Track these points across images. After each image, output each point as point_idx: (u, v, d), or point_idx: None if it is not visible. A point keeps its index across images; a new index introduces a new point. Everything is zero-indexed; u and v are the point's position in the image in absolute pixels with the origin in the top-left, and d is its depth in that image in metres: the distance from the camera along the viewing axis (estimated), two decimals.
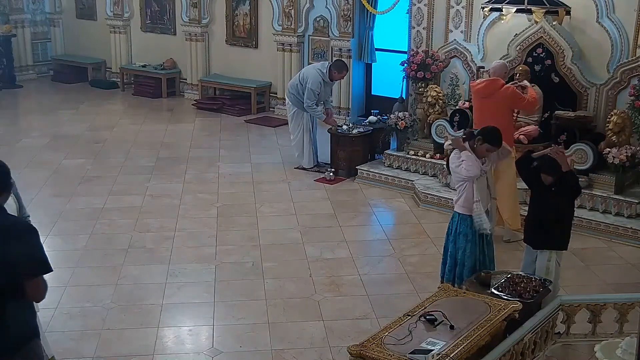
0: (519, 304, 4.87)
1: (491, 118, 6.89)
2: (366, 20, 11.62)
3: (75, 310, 6.06)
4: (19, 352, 3.65)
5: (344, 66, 9.66)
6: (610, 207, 7.77)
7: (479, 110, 7.61)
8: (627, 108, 8.05)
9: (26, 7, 15.39)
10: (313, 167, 9.74)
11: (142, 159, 10.21)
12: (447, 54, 9.30)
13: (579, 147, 7.98)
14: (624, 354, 4.42)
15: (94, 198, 8.68)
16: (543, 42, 8.44)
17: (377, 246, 7.55)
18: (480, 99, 7.56)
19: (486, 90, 7.48)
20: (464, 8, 9.28)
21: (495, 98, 7.39)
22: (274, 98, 12.95)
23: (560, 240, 5.68)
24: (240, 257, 7.10)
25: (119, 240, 7.47)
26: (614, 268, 7.04)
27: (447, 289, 5.14)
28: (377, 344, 4.35)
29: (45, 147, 10.76)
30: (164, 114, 13.06)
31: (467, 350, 4.32)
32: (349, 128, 9.68)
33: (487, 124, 6.36)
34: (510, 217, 7.40)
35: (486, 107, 7.42)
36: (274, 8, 12.58)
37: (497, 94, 7.39)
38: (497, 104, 7.37)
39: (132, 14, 14.65)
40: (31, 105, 13.79)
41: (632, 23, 8.20)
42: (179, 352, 5.52)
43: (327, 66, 9.54)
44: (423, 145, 9.27)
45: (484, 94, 7.48)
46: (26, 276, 3.57)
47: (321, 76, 9.45)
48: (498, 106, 7.35)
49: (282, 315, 6.01)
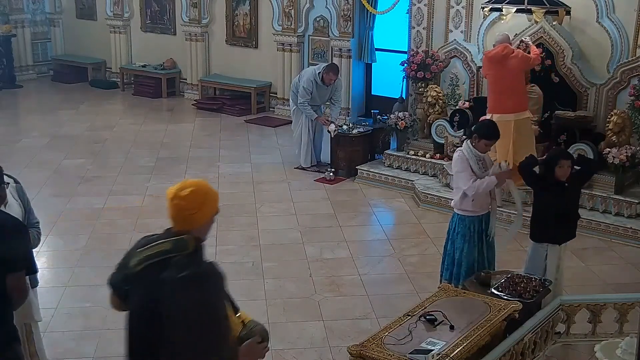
0: (519, 304, 4.86)
1: (509, 84, 7.60)
2: (366, 20, 11.62)
3: (75, 310, 6.06)
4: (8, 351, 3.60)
5: (331, 68, 9.58)
6: (610, 207, 7.77)
7: (495, 79, 7.80)
8: (627, 108, 8.05)
9: (26, 7, 15.39)
10: (311, 167, 9.75)
11: (142, 159, 10.21)
12: (447, 54, 9.30)
13: (579, 147, 7.97)
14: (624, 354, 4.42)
15: (94, 198, 8.68)
16: (543, 42, 8.44)
17: (377, 246, 7.55)
18: (496, 67, 7.78)
19: (501, 54, 7.75)
20: (464, 8, 9.28)
21: (509, 63, 7.70)
22: (274, 98, 12.95)
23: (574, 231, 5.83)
24: (240, 257, 7.10)
25: (119, 240, 7.46)
26: (614, 268, 7.03)
27: (447, 289, 5.13)
28: (377, 344, 4.35)
29: (45, 147, 10.76)
30: (164, 114, 13.06)
31: (467, 350, 4.32)
32: (349, 128, 9.69)
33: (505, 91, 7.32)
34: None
35: (502, 74, 7.72)
36: (274, 8, 12.58)
37: (510, 59, 7.72)
38: (512, 68, 7.71)
39: (132, 14, 14.65)
40: (31, 105, 13.78)
41: (632, 23, 8.21)
42: None
43: (322, 68, 9.55)
44: (423, 145, 9.27)
45: (499, 59, 7.75)
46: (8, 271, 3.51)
47: (314, 76, 9.46)
48: (513, 70, 7.70)
49: (282, 315, 6.01)
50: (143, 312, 3.04)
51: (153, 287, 2.98)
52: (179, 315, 2.94)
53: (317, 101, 9.72)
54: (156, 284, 2.96)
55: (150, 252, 3.07)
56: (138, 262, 3.07)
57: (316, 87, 9.52)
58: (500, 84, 7.73)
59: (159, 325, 2.94)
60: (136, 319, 3.08)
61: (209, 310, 3.01)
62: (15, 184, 4.49)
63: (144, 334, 3.04)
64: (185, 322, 2.94)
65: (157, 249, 3.08)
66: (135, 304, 3.08)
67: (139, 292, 3.06)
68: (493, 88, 7.86)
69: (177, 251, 3.05)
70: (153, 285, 2.98)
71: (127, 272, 3.10)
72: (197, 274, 3.01)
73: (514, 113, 7.71)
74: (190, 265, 3.01)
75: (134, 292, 3.08)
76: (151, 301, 2.98)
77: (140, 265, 3.06)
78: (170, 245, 3.07)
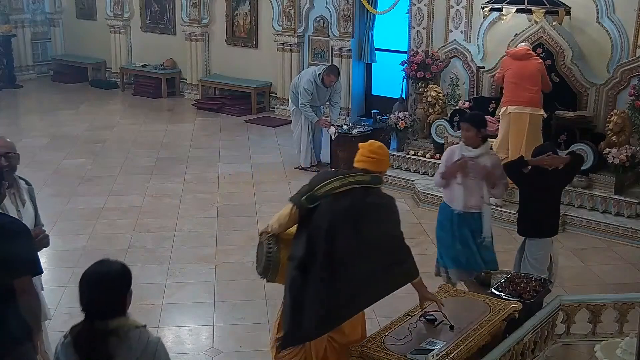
0: (519, 304, 4.86)
1: (528, 78, 7.77)
2: (366, 20, 11.62)
3: (75, 310, 5.99)
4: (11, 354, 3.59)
5: (332, 70, 9.56)
6: (610, 207, 7.77)
7: (514, 72, 7.90)
8: (627, 108, 8.06)
9: (26, 7, 15.40)
10: (311, 167, 9.75)
11: (142, 159, 10.21)
12: (447, 54, 9.30)
13: (579, 147, 7.98)
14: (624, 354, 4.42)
15: (94, 198, 8.68)
16: (543, 42, 8.45)
17: None
18: (517, 63, 7.91)
19: (524, 51, 7.94)
20: (464, 8, 9.29)
21: (530, 62, 7.90)
22: (274, 98, 12.95)
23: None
24: (240, 257, 7.09)
25: (119, 240, 7.47)
26: (614, 268, 7.03)
27: (447, 289, 5.13)
28: (377, 344, 4.35)
29: (45, 147, 10.76)
30: (164, 114, 13.06)
31: (467, 350, 4.32)
32: (348, 128, 9.68)
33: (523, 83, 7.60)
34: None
35: (521, 70, 7.85)
36: (274, 8, 12.58)
37: (531, 59, 7.94)
38: (531, 67, 7.86)
39: (132, 14, 14.65)
40: (31, 105, 13.79)
41: (632, 23, 8.21)
42: (179, 352, 5.52)
43: (322, 69, 9.54)
44: (423, 145, 9.27)
45: (521, 56, 7.92)
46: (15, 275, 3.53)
47: (314, 77, 9.46)
48: (532, 69, 7.86)
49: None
50: (342, 221, 4.15)
51: (360, 205, 4.19)
52: (384, 230, 4.27)
53: (317, 102, 9.71)
54: (362, 203, 4.20)
55: (354, 179, 4.26)
56: (342, 184, 4.22)
57: (316, 88, 9.52)
58: (520, 77, 7.86)
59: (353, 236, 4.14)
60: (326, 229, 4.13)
61: (399, 228, 4.33)
62: (27, 185, 4.56)
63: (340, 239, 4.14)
64: (387, 235, 4.28)
65: (359, 178, 4.29)
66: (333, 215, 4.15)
67: (343, 204, 4.18)
68: (511, 80, 7.93)
69: (374, 183, 4.32)
70: (360, 203, 4.19)
71: (319, 193, 4.21)
72: (392, 202, 4.35)
73: (530, 107, 7.77)
74: (385, 196, 4.37)
75: (334, 205, 4.17)
76: (355, 214, 4.17)
77: (345, 187, 4.21)
78: (369, 178, 4.31)
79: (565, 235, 7.68)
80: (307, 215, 4.23)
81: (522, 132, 7.77)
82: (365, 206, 4.20)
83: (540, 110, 7.90)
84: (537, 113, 7.86)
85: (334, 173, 4.40)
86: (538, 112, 7.88)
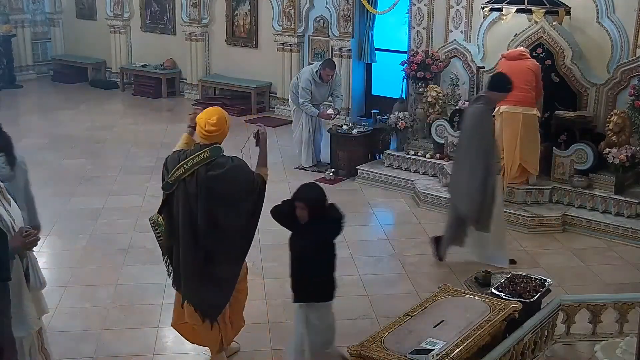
0: (519, 304, 4.87)
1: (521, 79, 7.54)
2: (366, 20, 11.62)
3: (75, 310, 6.06)
4: None
5: (327, 64, 9.55)
6: (610, 207, 7.77)
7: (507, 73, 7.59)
8: (627, 108, 8.04)
9: (26, 7, 15.39)
10: (311, 167, 9.75)
11: (142, 159, 10.21)
12: (447, 54, 9.29)
13: (579, 147, 7.98)
14: (624, 354, 4.43)
15: (94, 198, 8.68)
16: (543, 42, 8.44)
17: (377, 246, 7.54)
18: (511, 64, 7.85)
19: (518, 52, 7.97)
20: (464, 8, 9.28)
21: (525, 62, 7.85)
22: (274, 98, 12.95)
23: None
24: None
25: (119, 240, 7.47)
26: (614, 268, 7.03)
27: (447, 289, 5.14)
28: (377, 344, 4.35)
29: (45, 147, 10.75)
30: (164, 114, 13.06)
31: (467, 350, 4.32)
32: (349, 128, 9.68)
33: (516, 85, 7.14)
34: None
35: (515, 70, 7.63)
36: (274, 8, 12.58)
37: (526, 59, 7.90)
38: (525, 67, 7.80)
39: (132, 14, 14.65)
40: (31, 105, 13.79)
41: (632, 23, 8.20)
42: (179, 352, 5.52)
43: (319, 65, 9.54)
44: (423, 145, 9.27)
45: (515, 56, 7.93)
46: None
47: (312, 75, 9.46)
48: (526, 70, 7.79)
49: (282, 315, 6.01)
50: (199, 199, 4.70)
51: (207, 181, 4.69)
52: (236, 192, 4.83)
53: (318, 100, 9.71)
54: (208, 178, 4.70)
55: (194, 162, 4.72)
56: (185, 170, 4.72)
57: (315, 86, 9.51)
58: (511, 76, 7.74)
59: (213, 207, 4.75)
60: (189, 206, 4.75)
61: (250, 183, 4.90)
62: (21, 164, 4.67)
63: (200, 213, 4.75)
64: (239, 194, 4.84)
65: (199, 158, 4.73)
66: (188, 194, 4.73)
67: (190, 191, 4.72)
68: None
69: (215, 156, 4.74)
70: (207, 180, 4.69)
71: (171, 181, 4.77)
72: (236, 166, 4.81)
73: (522, 106, 7.73)
74: (227, 162, 4.78)
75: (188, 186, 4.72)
76: (206, 189, 4.69)
77: (188, 172, 4.71)
78: (208, 154, 4.73)
79: (565, 235, 7.68)
80: (169, 200, 4.85)
81: (516, 132, 7.74)
82: (207, 181, 4.68)
83: (534, 110, 7.83)
84: (529, 113, 7.79)
85: (178, 158, 4.80)
86: (531, 111, 7.81)
